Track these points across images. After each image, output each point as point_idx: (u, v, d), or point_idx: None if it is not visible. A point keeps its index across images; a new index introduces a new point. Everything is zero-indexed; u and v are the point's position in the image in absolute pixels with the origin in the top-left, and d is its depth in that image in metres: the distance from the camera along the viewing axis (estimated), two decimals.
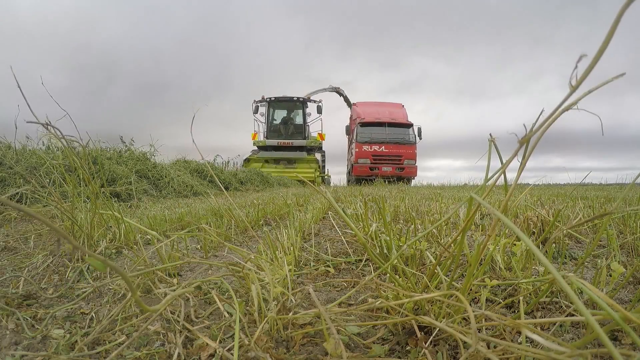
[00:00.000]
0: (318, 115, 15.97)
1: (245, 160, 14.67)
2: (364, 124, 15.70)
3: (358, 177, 15.23)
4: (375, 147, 15.18)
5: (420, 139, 15.55)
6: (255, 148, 15.76)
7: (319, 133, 16.28)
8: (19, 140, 3.40)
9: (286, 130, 16.24)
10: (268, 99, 16.20)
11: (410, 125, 15.84)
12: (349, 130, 17.81)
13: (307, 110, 16.69)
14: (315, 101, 16.23)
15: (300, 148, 15.42)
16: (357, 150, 15.27)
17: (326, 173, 16.44)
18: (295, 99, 16.34)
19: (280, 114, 16.85)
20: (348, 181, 18.42)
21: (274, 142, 15.60)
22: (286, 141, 15.56)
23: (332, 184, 15.82)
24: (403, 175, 15.20)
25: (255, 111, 15.84)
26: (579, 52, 0.39)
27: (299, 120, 16.65)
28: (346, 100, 18.96)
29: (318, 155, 15.54)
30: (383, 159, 15.14)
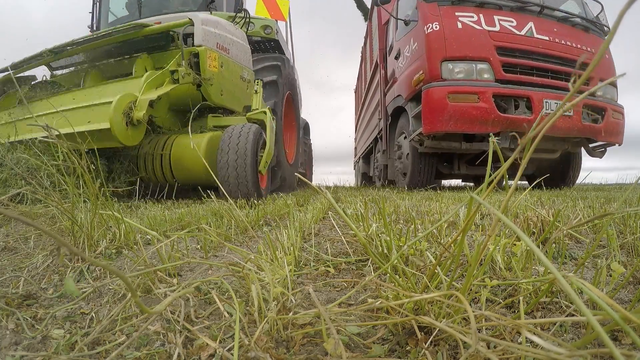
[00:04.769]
0: None
1: None
2: None
3: (440, 134, 4.11)
4: (506, 23, 4.15)
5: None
6: None
7: None
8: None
9: None
10: None
11: None
12: None
13: None
14: None
15: (165, 37, 3.30)
16: (443, 26, 4.12)
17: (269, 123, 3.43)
18: None
19: None
20: (360, 180, 9.18)
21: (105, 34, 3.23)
22: (147, 20, 3.58)
23: (312, 170, 7.24)
24: (604, 139, 4.32)
25: None
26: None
27: None
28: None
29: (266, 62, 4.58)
30: (542, 68, 4.17)
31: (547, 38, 4.26)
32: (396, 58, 5.40)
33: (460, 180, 6.36)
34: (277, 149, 4.37)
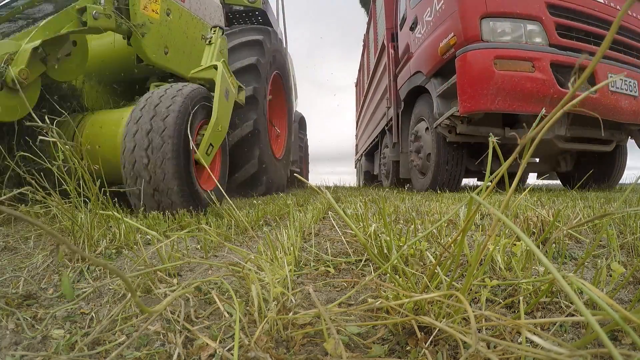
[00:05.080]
0: None
1: None
2: None
3: (479, 116, 3.19)
4: None
5: None
6: None
7: None
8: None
9: None
10: None
11: None
12: None
13: None
14: None
15: None
16: None
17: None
18: None
19: None
20: (362, 179, 8.76)
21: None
22: None
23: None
24: None
25: None
26: None
27: None
28: None
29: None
30: (602, 35, 3.25)
31: (602, 0, 3.46)
32: (412, 29, 4.47)
33: (476, 179, 5.44)
34: (261, 139, 3.55)
